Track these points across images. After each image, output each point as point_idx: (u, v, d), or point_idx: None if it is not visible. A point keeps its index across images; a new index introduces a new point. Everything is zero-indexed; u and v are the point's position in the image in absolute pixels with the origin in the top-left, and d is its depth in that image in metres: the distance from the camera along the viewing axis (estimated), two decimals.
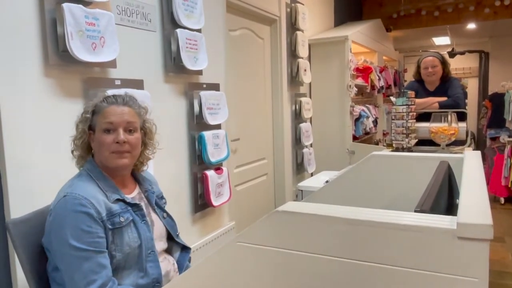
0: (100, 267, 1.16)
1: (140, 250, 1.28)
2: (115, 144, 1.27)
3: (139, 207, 1.33)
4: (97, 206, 1.19)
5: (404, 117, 2.36)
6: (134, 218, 1.29)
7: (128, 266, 1.26)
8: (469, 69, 8.21)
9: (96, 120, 1.29)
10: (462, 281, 0.79)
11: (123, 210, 1.27)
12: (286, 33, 3.60)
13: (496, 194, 4.93)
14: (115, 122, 1.28)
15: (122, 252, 1.23)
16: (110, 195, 1.26)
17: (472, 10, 5.58)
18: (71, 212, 1.16)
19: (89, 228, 1.16)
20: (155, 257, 1.32)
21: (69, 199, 1.18)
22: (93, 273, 1.14)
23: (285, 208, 0.93)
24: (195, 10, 2.30)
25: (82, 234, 1.15)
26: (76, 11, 1.57)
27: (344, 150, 4.20)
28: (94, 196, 1.21)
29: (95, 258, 1.15)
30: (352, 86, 4.19)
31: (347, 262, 0.87)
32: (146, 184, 1.45)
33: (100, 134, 1.27)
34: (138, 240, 1.27)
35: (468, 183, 1.14)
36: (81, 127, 1.30)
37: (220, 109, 2.50)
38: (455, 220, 0.80)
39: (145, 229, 1.31)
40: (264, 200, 3.51)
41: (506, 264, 3.24)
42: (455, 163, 1.63)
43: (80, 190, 1.20)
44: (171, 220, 1.48)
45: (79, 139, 1.30)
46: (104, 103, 1.30)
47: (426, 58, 3.00)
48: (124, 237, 1.24)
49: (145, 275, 1.28)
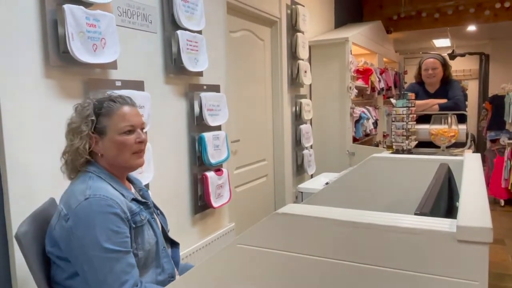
0: (130, 266, 1.17)
1: (157, 246, 1.30)
2: (137, 144, 1.29)
3: (148, 205, 1.36)
4: (122, 206, 1.19)
5: (404, 119, 2.36)
6: (148, 216, 1.32)
7: (148, 263, 1.28)
8: (470, 71, 8.21)
9: (106, 122, 1.25)
10: (462, 284, 0.79)
11: (140, 208, 1.29)
12: (286, 34, 3.61)
13: (496, 196, 4.93)
14: (135, 124, 1.29)
15: (143, 250, 1.25)
16: (127, 195, 1.27)
17: (472, 12, 5.58)
18: (99, 214, 1.14)
19: (118, 228, 1.16)
20: (167, 253, 1.36)
21: (94, 201, 1.15)
22: (125, 273, 1.15)
23: (285, 210, 0.93)
24: (195, 11, 2.30)
25: (112, 235, 1.14)
26: (77, 12, 1.58)
27: (344, 152, 4.20)
28: (117, 196, 1.21)
29: (125, 258, 1.16)
30: (352, 88, 4.19)
31: (347, 265, 0.87)
32: (138, 183, 1.47)
33: (120, 136, 1.26)
34: (155, 237, 1.30)
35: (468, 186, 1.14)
36: (86, 131, 1.23)
37: (220, 111, 2.50)
38: (455, 223, 0.80)
39: (156, 226, 1.34)
40: (264, 202, 3.50)
41: (506, 266, 3.24)
42: (455, 165, 1.63)
43: (102, 191, 1.19)
44: (163, 216, 1.50)
45: (85, 145, 1.23)
46: (114, 103, 1.27)
47: (427, 60, 3.00)
48: (144, 235, 1.26)
49: (162, 271, 1.31)
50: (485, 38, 7.49)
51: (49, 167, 1.56)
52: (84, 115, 1.25)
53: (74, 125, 1.25)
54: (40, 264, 1.23)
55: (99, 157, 1.28)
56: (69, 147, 1.26)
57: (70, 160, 1.26)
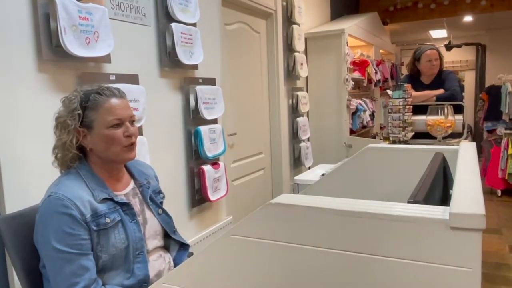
0: (83, 269, 1.14)
1: (127, 251, 1.24)
2: (126, 138, 1.25)
3: (129, 206, 1.28)
4: (80, 207, 1.15)
5: (401, 110, 2.36)
6: (123, 218, 1.25)
7: (114, 267, 1.23)
8: (466, 62, 8.20)
9: (93, 116, 1.22)
10: (455, 271, 0.79)
11: (111, 210, 1.23)
12: (282, 27, 3.59)
13: (493, 187, 4.95)
14: (123, 117, 1.25)
15: (108, 253, 1.20)
16: (97, 194, 1.21)
17: (468, 2, 5.57)
18: (54, 213, 1.14)
19: (71, 230, 1.13)
20: (143, 258, 1.27)
21: (53, 200, 1.15)
22: (75, 276, 1.13)
23: (278, 200, 0.93)
24: (190, 4, 2.29)
25: (64, 236, 1.13)
26: (69, 5, 1.56)
27: (341, 144, 4.20)
28: (79, 197, 1.17)
29: (78, 261, 1.13)
30: (349, 80, 4.18)
31: (340, 254, 0.87)
32: (141, 178, 1.41)
33: (107, 130, 1.22)
34: (126, 241, 1.24)
35: (462, 174, 1.14)
36: (72, 126, 1.20)
37: (216, 104, 2.50)
38: (448, 211, 0.80)
39: (135, 229, 1.27)
40: (261, 195, 3.51)
41: (503, 255, 3.26)
42: (450, 155, 1.63)
43: (65, 190, 1.17)
44: (167, 216, 1.43)
45: (72, 140, 1.21)
46: (100, 96, 1.23)
47: (429, 51, 2.94)
48: (110, 238, 1.21)
49: (132, 276, 1.24)
50: (481, 29, 7.48)
51: (42, 162, 1.55)
52: (70, 109, 1.22)
53: (61, 119, 1.23)
54: (19, 252, 1.25)
55: (89, 151, 1.26)
56: (57, 141, 1.24)
57: (60, 155, 1.25)
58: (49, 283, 1.19)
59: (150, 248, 1.34)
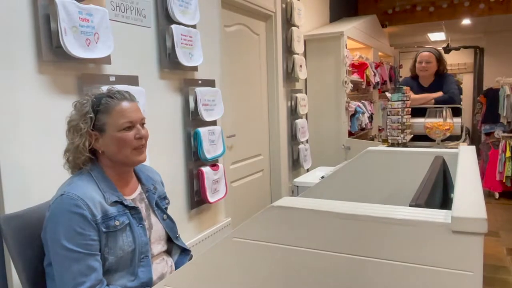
0: (90, 269, 1.15)
1: (133, 254, 1.26)
2: (137, 140, 1.27)
3: (137, 210, 1.31)
4: (92, 208, 1.17)
5: (399, 112, 2.37)
6: (131, 221, 1.27)
7: (120, 269, 1.25)
8: (464, 65, 8.23)
9: (105, 119, 1.24)
10: (457, 275, 0.79)
11: (120, 213, 1.25)
12: (281, 29, 3.60)
13: (491, 189, 4.96)
14: (134, 120, 1.27)
15: (115, 256, 1.22)
16: (109, 197, 1.24)
17: (467, 5, 5.59)
18: (66, 212, 1.15)
19: (81, 230, 1.15)
20: (148, 262, 1.29)
21: (65, 199, 1.16)
22: (82, 275, 1.14)
23: (280, 203, 0.93)
24: (190, 5, 2.29)
25: (74, 235, 1.14)
26: (70, 6, 1.56)
27: (340, 146, 4.20)
28: (91, 198, 1.19)
29: (86, 261, 1.15)
30: (348, 82, 4.19)
31: (343, 257, 0.87)
32: (148, 183, 1.43)
33: (119, 133, 1.25)
34: (133, 244, 1.26)
35: (463, 177, 1.14)
36: (85, 129, 1.23)
37: (215, 105, 2.50)
38: (450, 214, 0.80)
39: (141, 233, 1.29)
40: (260, 196, 3.51)
41: (500, 258, 3.27)
42: (450, 158, 1.63)
43: (78, 190, 1.19)
44: (171, 221, 1.46)
45: (84, 143, 1.23)
46: (112, 100, 1.26)
47: (422, 53, 3.01)
48: (118, 240, 1.23)
49: (136, 279, 1.27)
50: (479, 32, 7.51)
51: (42, 164, 1.55)
52: (82, 113, 1.24)
53: (73, 123, 1.25)
54: (21, 252, 1.25)
55: (101, 154, 1.28)
56: (70, 145, 1.26)
57: (72, 158, 1.27)
58: (53, 282, 1.20)
59: (155, 253, 1.36)
